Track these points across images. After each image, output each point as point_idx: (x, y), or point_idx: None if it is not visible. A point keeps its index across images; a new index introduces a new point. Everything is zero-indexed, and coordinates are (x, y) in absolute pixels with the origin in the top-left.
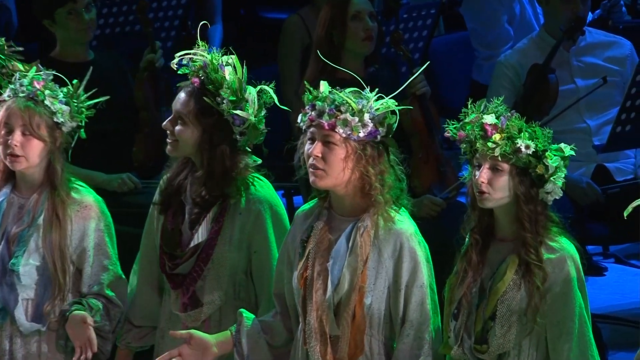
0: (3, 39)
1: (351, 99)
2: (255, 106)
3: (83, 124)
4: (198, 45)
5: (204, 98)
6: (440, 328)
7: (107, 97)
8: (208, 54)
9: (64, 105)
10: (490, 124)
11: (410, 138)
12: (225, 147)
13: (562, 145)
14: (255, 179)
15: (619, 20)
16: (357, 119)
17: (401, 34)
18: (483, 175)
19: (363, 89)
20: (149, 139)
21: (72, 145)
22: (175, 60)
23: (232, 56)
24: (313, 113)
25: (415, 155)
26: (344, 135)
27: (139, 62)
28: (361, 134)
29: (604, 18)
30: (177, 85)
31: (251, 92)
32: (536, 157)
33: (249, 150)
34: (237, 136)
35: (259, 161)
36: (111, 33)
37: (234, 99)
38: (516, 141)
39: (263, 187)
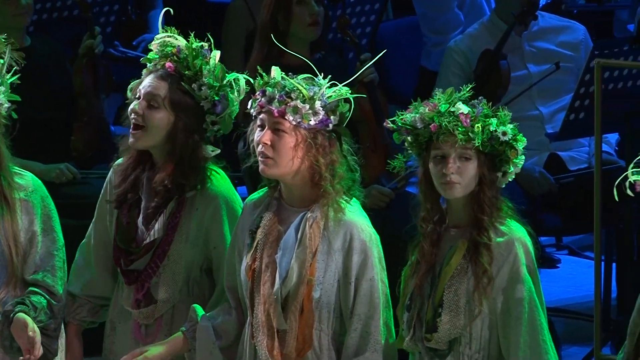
0: None
1: (302, 86)
2: (240, 92)
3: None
4: (165, 30)
5: (182, 83)
6: (391, 322)
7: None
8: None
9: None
10: (465, 114)
11: (357, 127)
12: (197, 136)
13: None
14: (213, 172)
15: (573, 4)
16: (307, 106)
17: (348, 19)
18: (453, 166)
19: (315, 75)
20: (88, 128)
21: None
22: (154, 43)
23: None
24: (263, 99)
25: (363, 145)
26: (294, 123)
27: (78, 49)
28: (312, 122)
29: (557, 2)
30: (147, 67)
31: (239, 79)
32: (509, 143)
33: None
34: (209, 125)
35: (218, 151)
36: (49, 18)
37: (218, 85)
38: (492, 129)
39: (220, 181)
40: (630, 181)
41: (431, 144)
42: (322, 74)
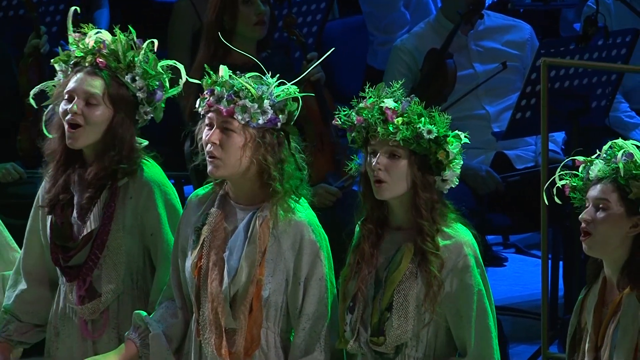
0: None
1: (250, 85)
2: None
3: None
4: (81, 27)
5: (117, 77)
6: (337, 323)
7: None
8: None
9: None
10: (390, 108)
11: (304, 126)
12: (133, 127)
13: (458, 132)
14: (144, 161)
15: (519, 3)
16: (256, 105)
17: (294, 18)
18: (380, 161)
19: (262, 73)
20: (34, 127)
21: None
22: (72, 40)
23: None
24: (211, 98)
25: (310, 144)
26: (242, 122)
27: (23, 48)
28: (260, 121)
29: (504, 1)
30: (72, 65)
31: (176, 65)
32: (437, 143)
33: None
34: (142, 116)
35: (146, 142)
36: None
37: (154, 73)
38: (417, 126)
39: (151, 169)
40: (558, 186)
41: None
42: (269, 73)
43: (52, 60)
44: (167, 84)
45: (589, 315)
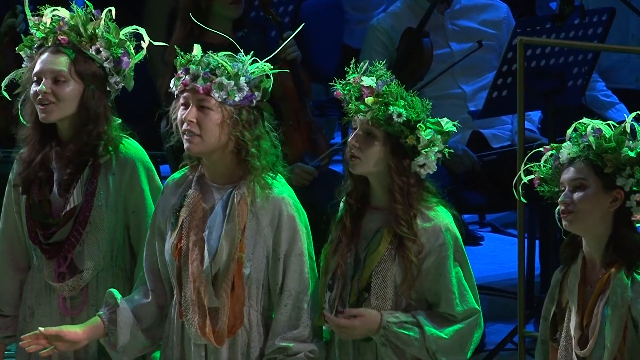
0: None
1: (227, 63)
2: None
3: None
4: (37, 9)
5: (82, 51)
6: (317, 298)
7: None
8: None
9: None
10: (367, 87)
11: (280, 105)
12: (106, 99)
13: (444, 120)
14: (123, 137)
15: None
16: (232, 82)
17: None
18: (354, 138)
19: (236, 52)
20: (10, 106)
21: None
22: (32, 23)
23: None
24: (187, 77)
25: (286, 123)
26: (219, 99)
27: None
28: (237, 98)
29: None
30: (36, 49)
31: (139, 30)
32: (409, 127)
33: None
34: (113, 86)
35: (119, 121)
36: None
37: (117, 41)
38: (389, 108)
39: (132, 145)
40: (525, 182)
41: None
42: (245, 52)
43: (16, 49)
44: (132, 51)
45: (572, 295)
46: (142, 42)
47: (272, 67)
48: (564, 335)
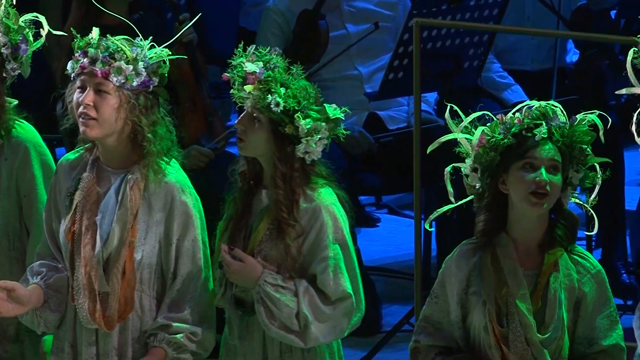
0: None
1: (126, 47)
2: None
3: None
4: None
5: None
6: (210, 282)
7: None
8: None
9: None
10: (250, 72)
11: (176, 87)
12: (1, 85)
13: (331, 106)
14: (16, 121)
15: None
16: (131, 67)
17: None
18: (239, 122)
19: (133, 35)
20: None
21: None
22: None
23: None
24: (85, 60)
25: (182, 105)
26: (117, 84)
27: None
28: (135, 83)
29: None
30: None
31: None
32: (288, 116)
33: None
34: (10, 72)
35: (15, 102)
36: None
37: (15, 27)
38: (269, 96)
39: (25, 129)
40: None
41: None
42: (141, 35)
43: None
44: (31, 38)
45: (516, 280)
46: (41, 29)
47: (170, 52)
48: (511, 320)
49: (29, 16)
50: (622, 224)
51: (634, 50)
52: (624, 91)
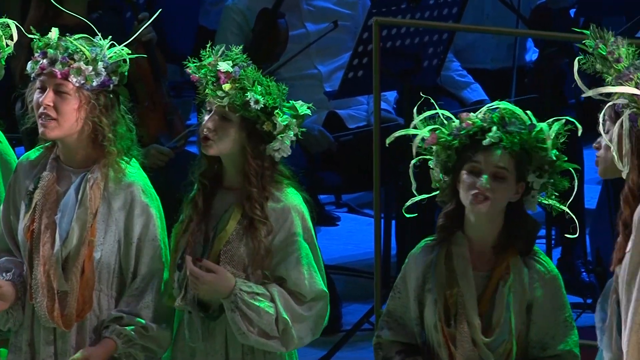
0: None
1: (85, 47)
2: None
3: None
4: None
5: None
6: (169, 282)
7: None
8: None
9: None
10: (223, 72)
11: (135, 86)
12: None
13: (298, 103)
14: None
15: None
16: (90, 67)
17: None
18: (209, 121)
19: (92, 35)
20: None
21: None
22: None
23: None
24: (44, 61)
25: (142, 104)
26: (77, 84)
27: None
28: (95, 83)
29: None
30: None
31: (10, 24)
32: (266, 113)
33: None
34: None
35: None
36: None
37: None
38: (246, 94)
39: None
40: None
41: None
42: (100, 34)
43: None
44: (3, 42)
45: (466, 280)
46: (10, 38)
47: (129, 52)
48: (459, 321)
49: (10, 23)
50: (582, 223)
51: (579, 59)
52: (590, 93)
